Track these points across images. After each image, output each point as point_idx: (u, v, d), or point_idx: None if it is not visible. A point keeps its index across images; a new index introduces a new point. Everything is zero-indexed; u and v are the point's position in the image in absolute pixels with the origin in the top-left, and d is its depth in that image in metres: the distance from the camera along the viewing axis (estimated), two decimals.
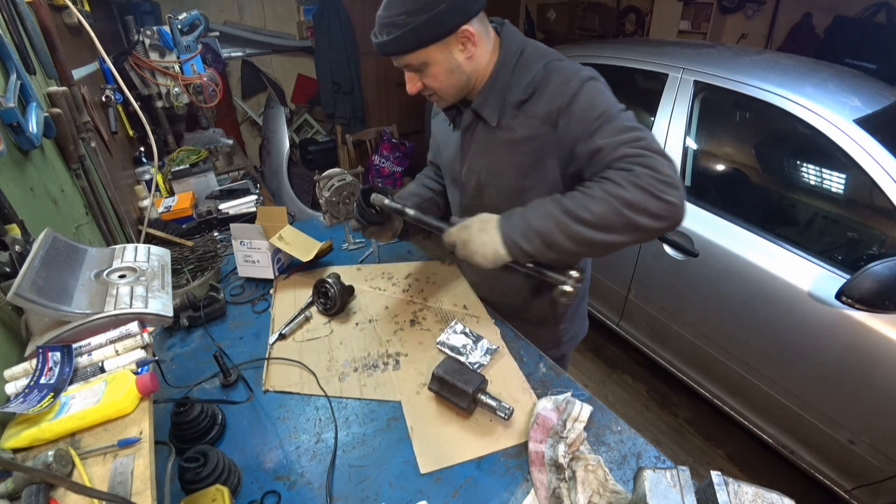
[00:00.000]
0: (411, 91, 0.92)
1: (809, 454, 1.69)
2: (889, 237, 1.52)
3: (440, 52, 0.86)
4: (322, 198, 1.51)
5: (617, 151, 0.81)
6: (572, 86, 0.86)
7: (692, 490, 0.64)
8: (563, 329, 1.23)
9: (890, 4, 3.60)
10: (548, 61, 0.91)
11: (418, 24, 0.80)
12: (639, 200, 0.76)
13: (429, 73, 0.89)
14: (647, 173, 0.77)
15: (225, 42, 3.41)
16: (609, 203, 0.78)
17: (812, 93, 1.64)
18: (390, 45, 0.84)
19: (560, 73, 0.89)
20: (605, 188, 0.79)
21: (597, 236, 0.80)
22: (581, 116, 0.85)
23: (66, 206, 1.14)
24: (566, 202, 0.82)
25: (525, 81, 0.91)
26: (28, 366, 0.63)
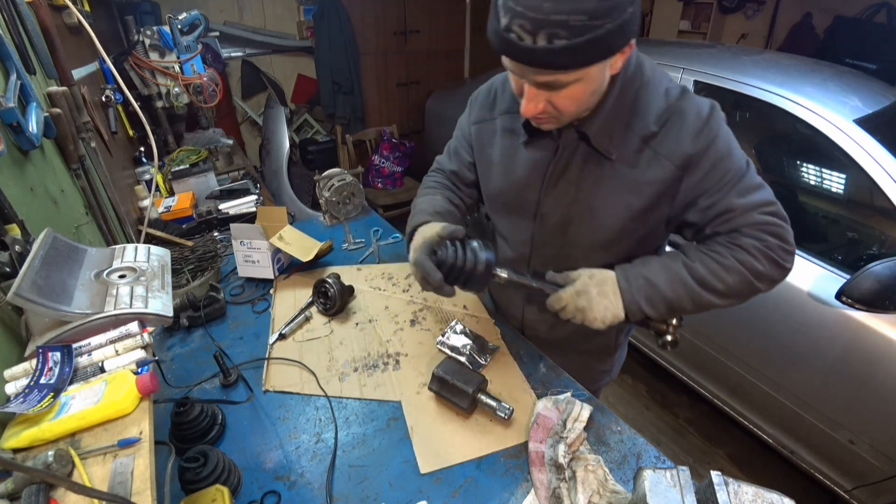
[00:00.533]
0: (532, 113, 0.72)
1: (809, 454, 1.69)
2: (889, 237, 1.52)
3: (599, 69, 0.67)
4: (322, 198, 1.51)
5: (750, 217, 0.77)
6: (710, 127, 0.76)
7: (692, 490, 0.64)
8: (616, 357, 1.18)
9: (890, 4, 3.60)
10: (668, 82, 0.79)
11: (604, 34, 0.59)
12: (768, 272, 0.78)
13: (569, 93, 0.68)
14: (778, 245, 0.77)
15: (225, 42, 3.41)
16: (742, 275, 0.77)
17: (812, 93, 1.64)
18: (555, 56, 0.60)
19: (692, 106, 0.77)
20: (739, 258, 0.77)
21: (721, 303, 0.80)
22: (716, 167, 0.76)
23: (66, 206, 1.14)
24: (699, 269, 0.78)
25: (654, 110, 0.77)
26: (28, 366, 0.63)
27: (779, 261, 0.78)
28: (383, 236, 1.57)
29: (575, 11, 0.57)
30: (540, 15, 0.58)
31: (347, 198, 1.50)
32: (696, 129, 0.75)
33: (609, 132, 0.78)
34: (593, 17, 0.58)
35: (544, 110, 0.71)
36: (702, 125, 0.75)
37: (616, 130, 0.78)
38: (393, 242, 1.54)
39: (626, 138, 0.78)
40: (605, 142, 0.79)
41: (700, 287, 0.78)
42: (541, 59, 0.61)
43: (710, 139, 0.75)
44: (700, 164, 0.76)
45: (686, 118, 0.76)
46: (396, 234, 1.57)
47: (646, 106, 0.77)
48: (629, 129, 0.78)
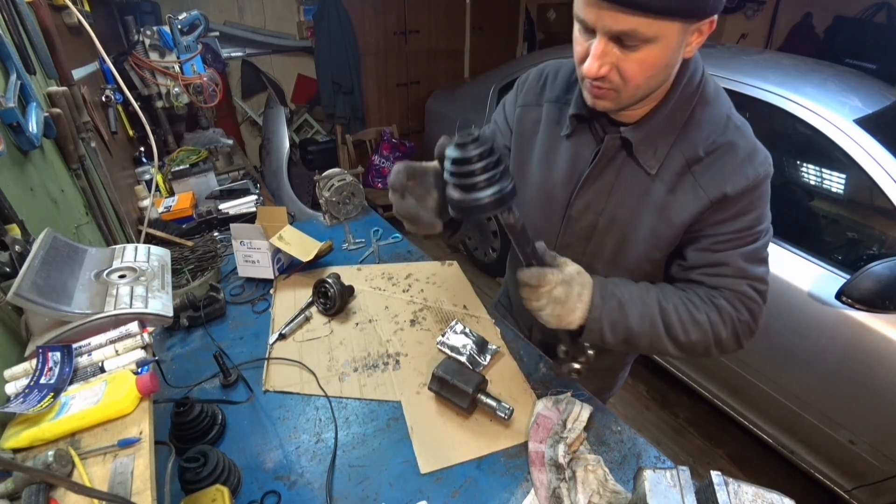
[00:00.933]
0: (595, 73, 0.64)
1: (809, 454, 1.69)
2: (889, 237, 1.52)
3: (678, 34, 0.61)
4: (322, 198, 1.51)
5: (739, 284, 0.74)
6: (758, 174, 0.71)
7: (692, 490, 0.64)
8: (621, 375, 1.18)
9: (890, 4, 3.60)
10: (730, 111, 0.75)
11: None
12: (727, 343, 0.76)
13: (641, 56, 0.62)
14: (748, 323, 0.76)
15: (225, 42, 3.41)
16: (706, 336, 0.74)
17: (812, 93, 1.64)
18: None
19: (747, 145, 0.72)
20: (711, 319, 0.74)
21: (671, 352, 0.76)
22: (740, 218, 0.72)
23: (66, 206, 1.14)
24: (671, 314, 0.74)
25: (705, 134, 0.72)
26: (28, 366, 0.63)
27: (741, 337, 0.77)
28: (383, 236, 1.57)
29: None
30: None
31: (347, 198, 1.50)
32: (742, 170, 0.71)
33: (654, 144, 0.74)
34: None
35: (607, 75, 0.64)
36: (749, 168, 0.71)
37: (661, 145, 0.73)
38: (393, 242, 1.54)
39: (671, 156, 0.74)
40: (648, 154, 0.74)
41: (665, 331, 0.74)
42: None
43: (751, 187, 0.71)
44: (730, 206, 0.72)
45: (737, 154, 0.72)
46: (396, 234, 1.57)
47: (698, 127, 0.73)
48: (676, 147, 0.73)
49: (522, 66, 2.48)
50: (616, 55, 0.62)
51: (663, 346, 0.75)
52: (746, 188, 0.71)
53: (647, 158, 0.74)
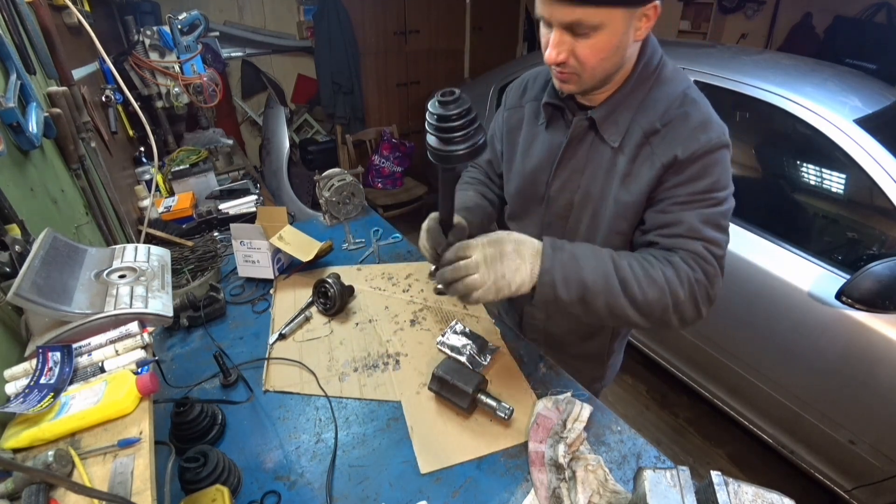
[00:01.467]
0: (554, 59, 0.73)
1: (809, 454, 1.69)
2: (889, 237, 1.52)
3: (623, 20, 0.69)
4: (322, 198, 1.51)
5: (695, 244, 0.75)
6: (709, 140, 0.75)
7: (692, 490, 0.64)
8: (610, 364, 1.18)
9: (890, 4, 3.60)
10: (687, 87, 0.80)
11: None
12: (685, 307, 0.75)
13: (592, 42, 0.70)
14: (705, 286, 0.75)
15: (225, 42, 3.41)
16: (663, 295, 0.73)
17: (812, 93, 1.64)
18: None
19: (699, 115, 0.77)
20: (668, 276, 0.74)
21: (630, 315, 0.74)
22: (695, 181, 0.76)
23: (66, 206, 1.14)
24: (625, 270, 0.73)
25: (661, 108, 0.79)
26: (28, 366, 0.63)
27: (699, 300, 0.76)
28: (383, 236, 1.57)
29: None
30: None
31: (347, 198, 1.50)
32: (694, 136, 0.75)
33: (616, 120, 0.81)
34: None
35: (566, 60, 0.73)
36: (702, 135, 0.75)
37: (622, 120, 0.81)
38: (393, 242, 1.54)
39: (631, 130, 0.80)
40: (612, 129, 0.81)
41: (620, 287, 0.73)
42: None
43: (703, 152, 0.75)
44: (683, 170, 0.76)
45: (689, 122, 0.77)
46: (396, 234, 1.57)
47: (655, 102, 0.79)
48: (635, 122, 0.80)
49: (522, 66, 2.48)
50: (570, 42, 0.72)
51: (621, 307, 0.73)
52: (697, 152, 0.75)
53: (610, 133, 0.82)
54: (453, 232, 0.77)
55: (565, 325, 1.10)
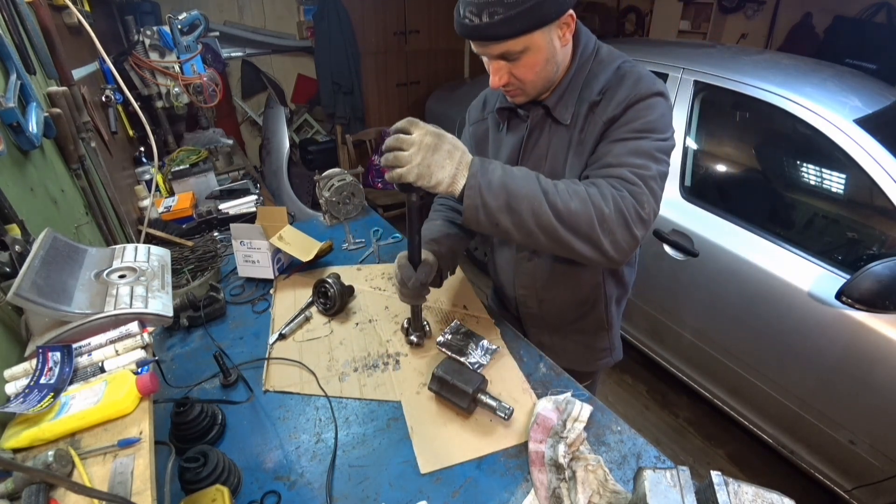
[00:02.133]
0: (497, 84, 0.84)
1: (809, 454, 1.69)
2: (889, 237, 1.52)
3: (543, 38, 0.79)
4: (322, 198, 1.51)
5: (620, 171, 0.79)
6: (639, 91, 0.82)
7: (692, 490, 0.64)
8: (614, 335, 1.20)
9: (890, 4, 3.60)
10: (622, 62, 0.88)
11: (532, 5, 0.73)
12: (612, 221, 0.76)
13: (524, 63, 0.81)
14: (632, 202, 0.77)
15: (225, 42, 3.41)
16: (587, 208, 0.75)
17: (812, 93, 1.64)
18: (496, 27, 0.74)
19: (632, 76, 0.85)
20: (591, 193, 0.76)
21: (558, 231, 0.75)
22: (625, 126, 0.83)
23: (66, 206, 1.14)
24: (548, 183, 0.77)
25: (600, 82, 0.87)
26: (28, 366, 0.63)
27: (627, 217, 0.76)
28: (383, 236, 1.57)
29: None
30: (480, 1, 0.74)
31: (347, 198, 1.50)
32: (627, 92, 0.83)
33: (565, 103, 0.90)
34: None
35: (508, 82, 0.84)
36: (633, 89, 0.83)
37: (570, 100, 0.89)
38: (393, 242, 1.54)
39: (579, 107, 0.89)
40: (562, 110, 0.90)
41: (544, 197, 0.74)
42: (486, 32, 0.76)
43: (635, 99, 0.82)
44: (618, 118, 0.84)
45: (622, 86, 0.85)
46: (396, 234, 1.57)
47: (595, 78, 0.88)
48: (581, 99, 0.89)
49: None
50: (507, 67, 0.82)
51: (545, 215, 0.74)
52: (630, 101, 0.82)
53: (562, 114, 0.90)
54: (421, 267, 0.92)
55: (559, 302, 1.11)
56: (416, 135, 0.73)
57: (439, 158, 0.73)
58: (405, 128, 0.75)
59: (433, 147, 0.73)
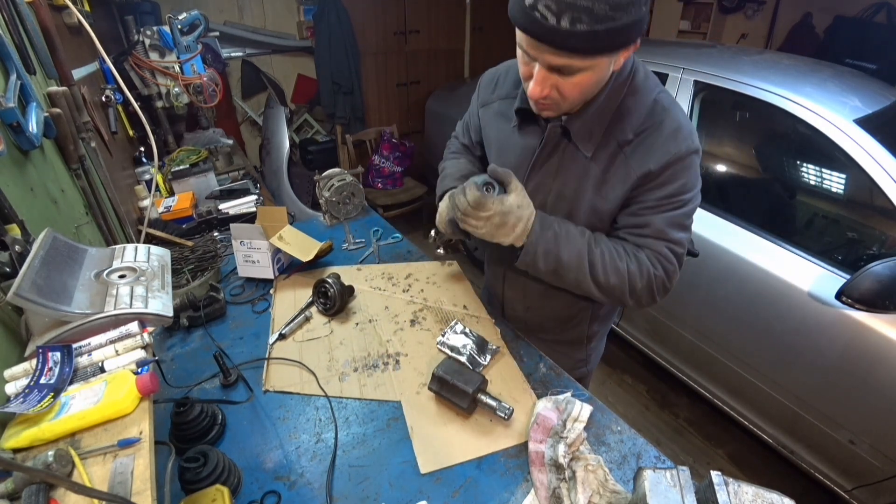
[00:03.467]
0: (538, 95, 0.75)
1: (809, 454, 1.69)
2: (889, 237, 1.52)
3: (607, 62, 0.71)
4: (322, 198, 1.51)
5: (658, 244, 0.84)
6: (679, 150, 0.79)
7: (692, 490, 0.64)
8: (592, 347, 1.21)
9: (890, 4, 3.60)
10: (658, 93, 0.83)
11: (621, 26, 0.63)
12: (642, 294, 0.86)
13: (576, 80, 0.72)
14: (663, 280, 0.85)
15: (225, 42, 3.41)
16: (622, 281, 0.84)
17: (812, 93, 1.64)
18: (577, 39, 0.63)
19: (671, 124, 0.80)
20: (630, 269, 0.84)
21: (593, 292, 0.87)
22: (664, 187, 0.81)
23: (66, 206, 1.14)
24: (597, 256, 0.83)
25: (634, 119, 0.81)
26: (28, 366, 0.63)
27: (654, 292, 0.86)
28: (383, 236, 1.57)
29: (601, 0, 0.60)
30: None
31: (347, 198, 1.50)
32: (665, 147, 0.79)
33: (590, 130, 0.83)
34: (615, 8, 0.61)
35: (549, 95, 0.75)
36: (672, 144, 0.79)
37: (596, 131, 0.83)
38: (393, 242, 1.54)
39: (605, 140, 0.83)
40: (585, 139, 0.84)
41: (589, 269, 0.84)
42: (562, 41, 0.64)
43: (673, 161, 0.79)
44: (655, 178, 0.81)
45: (661, 133, 0.80)
46: (396, 234, 1.57)
47: (628, 112, 0.82)
48: (609, 132, 0.83)
49: None
50: (555, 79, 0.73)
51: (587, 284, 0.85)
52: (668, 162, 0.79)
53: (584, 144, 0.84)
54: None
55: (545, 313, 1.13)
56: (485, 215, 0.80)
57: (504, 231, 0.82)
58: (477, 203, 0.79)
59: (500, 224, 0.81)
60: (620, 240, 0.88)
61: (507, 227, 0.81)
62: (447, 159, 1.18)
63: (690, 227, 0.87)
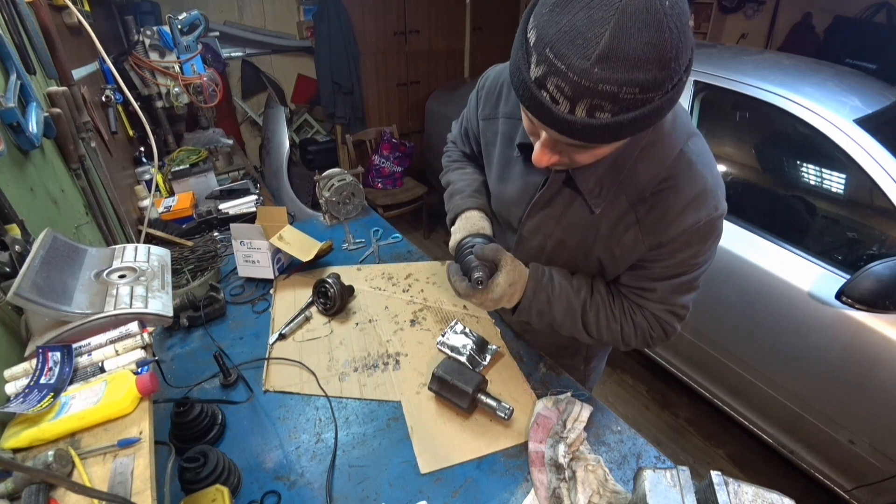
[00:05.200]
0: (544, 164, 0.63)
1: (809, 454, 1.69)
2: (889, 237, 1.52)
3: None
4: (322, 198, 1.51)
5: (659, 307, 0.80)
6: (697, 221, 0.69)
7: (692, 490, 0.64)
8: (592, 367, 1.19)
9: (890, 4, 3.60)
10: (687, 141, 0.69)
11: (651, 109, 0.50)
12: (633, 343, 0.85)
13: (591, 153, 0.61)
14: (661, 338, 0.84)
15: (225, 42, 3.41)
16: (615, 338, 0.84)
17: (812, 93, 1.64)
18: (593, 132, 0.51)
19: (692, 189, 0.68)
20: (625, 330, 0.83)
21: (587, 342, 0.88)
22: (672, 255, 0.73)
23: (66, 206, 1.14)
24: (590, 316, 0.82)
25: (652, 176, 0.69)
26: (28, 366, 0.63)
27: (649, 343, 0.85)
28: (383, 236, 1.57)
29: (630, 83, 0.47)
30: (586, 81, 0.47)
31: (347, 198, 1.50)
32: (682, 218, 0.69)
33: (600, 185, 0.72)
34: (646, 90, 0.48)
35: (559, 161, 0.63)
36: (690, 215, 0.69)
37: (606, 187, 0.72)
38: (393, 242, 1.54)
39: (616, 198, 0.73)
40: (594, 193, 0.73)
41: (582, 327, 0.83)
42: (575, 132, 0.52)
43: (688, 231, 0.70)
44: (665, 247, 0.73)
45: (679, 198, 0.69)
46: (396, 234, 1.57)
47: (646, 167, 0.69)
48: (621, 189, 0.72)
49: None
50: (564, 148, 0.60)
51: (581, 336, 0.86)
52: (682, 233, 0.70)
53: (592, 198, 0.73)
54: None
55: (539, 341, 1.12)
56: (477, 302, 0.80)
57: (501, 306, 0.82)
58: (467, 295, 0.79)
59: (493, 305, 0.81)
60: (620, 294, 0.84)
61: (502, 304, 0.81)
62: (451, 170, 1.08)
63: (699, 287, 0.79)
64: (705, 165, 0.70)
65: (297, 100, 4.07)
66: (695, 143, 0.71)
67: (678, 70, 0.50)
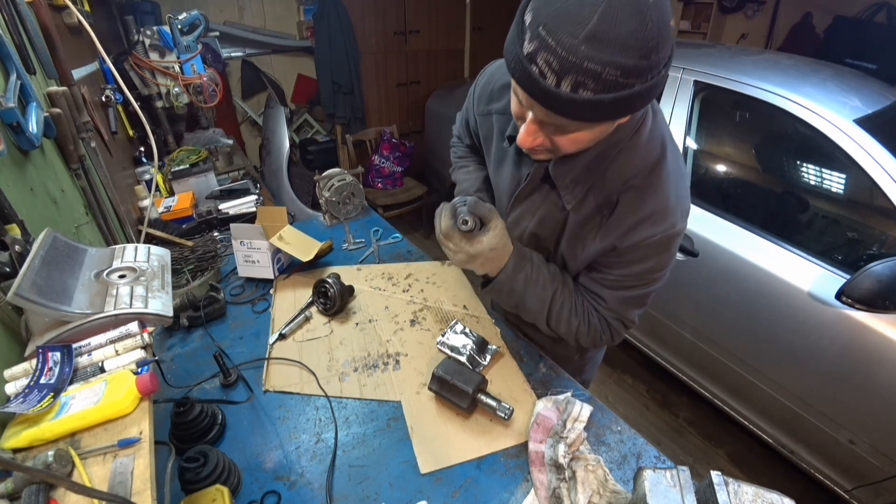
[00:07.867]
0: (528, 145, 0.67)
1: (809, 454, 1.69)
2: (889, 237, 1.52)
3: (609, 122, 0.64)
4: (322, 198, 1.51)
5: (611, 314, 0.85)
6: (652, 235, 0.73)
7: (692, 490, 0.64)
8: (588, 357, 1.20)
9: (890, 4, 3.60)
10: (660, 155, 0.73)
11: (630, 94, 0.54)
12: (584, 343, 0.89)
13: (573, 137, 0.64)
14: (609, 339, 0.89)
15: (225, 42, 3.41)
16: (570, 332, 0.88)
17: (812, 93, 1.64)
18: (577, 107, 0.55)
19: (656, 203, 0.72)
20: (580, 329, 0.87)
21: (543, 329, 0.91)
22: (627, 266, 0.78)
23: (66, 206, 1.14)
24: (556, 308, 0.85)
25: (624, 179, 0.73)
26: (28, 366, 0.63)
27: (597, 343, 0.90)
28: (383, 236, 1.57)
29: (612, 65, 0.50)
30: (573, 57, 0.50)
31: (347, 198, 1.50)
32: (639, 228, 0.73)
33: (574, 183, 0.76)
34: (629, 74, 0.51)
35: (542, 144, 0.67)
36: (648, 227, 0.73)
37: (580, 186, 0.76)
38: (393, 242, 1.54)
39: (586, 198, 0.78)
40: (567, 191, 0.78)
41: (547, 316, 0.86)
42: (559, 106, 0.56)
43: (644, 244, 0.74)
44: (621, 255, 0.78)
45: (641, 210, 0.73)
46: (396, 234, 1.57)
47: (618, 172, 0.73)
48: (592, 191, 0.76)
49: None
50: (548, 131, 0.64)
51: (541, 324, 0.89)
52: (637, 244, 0.74)
53: (565, 194, 0.78)
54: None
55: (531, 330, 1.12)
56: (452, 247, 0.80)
57: (473, 266, 0.83)
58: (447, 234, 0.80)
59: (467, 261, 0.81)
60: (581, 293, 0.88)
61: (475, 264, 0.82)
62: (459, 168, 1.13)
63: (648, 304, 0.86)
64: (674, 183, 0.74)
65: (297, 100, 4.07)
66: (670, 161, 0.74)
67: (658, 63, 0.53)
